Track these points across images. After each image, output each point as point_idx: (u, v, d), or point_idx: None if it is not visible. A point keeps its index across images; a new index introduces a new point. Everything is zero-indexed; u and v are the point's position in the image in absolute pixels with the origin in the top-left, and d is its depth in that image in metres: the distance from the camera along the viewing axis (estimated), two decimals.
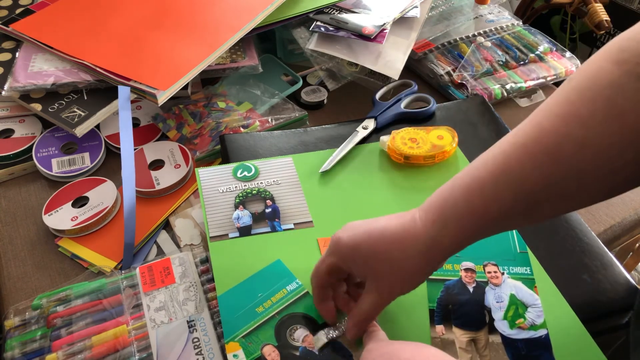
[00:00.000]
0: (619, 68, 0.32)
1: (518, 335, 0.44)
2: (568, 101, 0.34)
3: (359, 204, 0.55)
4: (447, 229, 0.37)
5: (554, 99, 0.35)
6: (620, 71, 0.32)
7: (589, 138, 0.32)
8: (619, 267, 0.50)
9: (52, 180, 0.63)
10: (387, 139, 0.60)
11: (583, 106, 0.33)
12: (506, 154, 0.36)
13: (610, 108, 0.32)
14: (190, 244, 0.56)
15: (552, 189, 0.34)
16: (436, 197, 0.39)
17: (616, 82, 0.32)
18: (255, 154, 0.61)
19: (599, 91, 0.32)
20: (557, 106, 0.34)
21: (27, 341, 0.45)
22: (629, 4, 1.33)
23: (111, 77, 0.63)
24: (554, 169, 0.34)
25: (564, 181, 0.34)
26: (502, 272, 0.48)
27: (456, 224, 0.37)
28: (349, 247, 0.40)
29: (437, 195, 0.39)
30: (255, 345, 0.43)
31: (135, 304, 0.47)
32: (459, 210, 0.37)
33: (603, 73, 0.33)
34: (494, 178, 0.36)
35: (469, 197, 0.37)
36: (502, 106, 0.76)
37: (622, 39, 0.34)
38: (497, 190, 0.35)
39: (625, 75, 0.32)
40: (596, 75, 0.33)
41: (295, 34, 0.75)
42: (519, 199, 0.35)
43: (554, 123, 0.34)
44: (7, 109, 0.67)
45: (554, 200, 0.35)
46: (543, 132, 0.34)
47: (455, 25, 0.84)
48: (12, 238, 0.57)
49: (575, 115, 0.33)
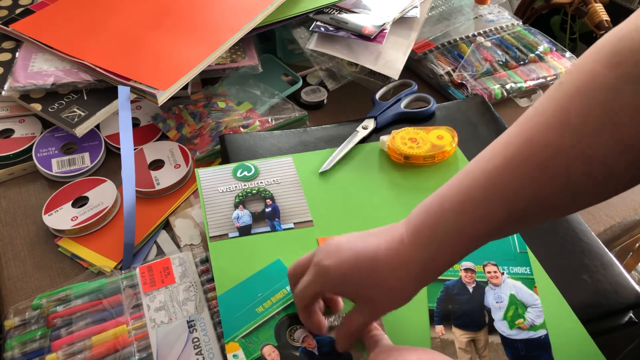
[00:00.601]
0: (613, 71, 0.30)
1: (518, 335, 0.44)
2: (560, 108, 0.32)
3: (358, 203, 0.55)
4: (440, 251, 0.36)
5: (545, 106, 0.34)
6: (614, 75, 0.30)
7: (582, 149, 0.31)
8: (619, 267, 0.50)
9: (52, 180, 0.63)
10: (387, 139, 0.60)
11: (576, 113, 0.31)
12: (499, 169, 0.34)
13: (604, 115, 0.30)
14: (190, 244, 0.56)
15: (544, 202, 0.33)
16: (424, 215, 0.37)
17: (611, 87, 0.30)
18: (255, 154, 0.61)
19: (593, 97, 0.31)
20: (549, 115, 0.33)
21: (27, 341, 0.45)
22: (629, 4, 1.33)
23: (111, 77, 0.63)
24: (545, 183, 0.33)
25: (556, 194, 0.33)
26: (502, 272, 0.48)
27: (449, 245, 0.36)
28: (337, 276, 0.38)
29: (425, 214, 0.37)
30: (255, 345, 0.43)
31: (135, 304, 0.47)
32: (450, 231, 0.36)
33: (596, 77, 0.31)
34: (486, 197, 0.34)
35: (460, 216, 0.35)
36: (502, 106, 0.76)
37: (612, 39, 0.32)
38: (488, 209, 0.34)
39: (620, 79, 0.30)
40: (590, 79, 0.31)
41: (295, 34, 0.75)
42: (511, 215, 0.34)
43: (545, 134, 0.32)
44: (7, 109, 0.67)
45: (545, 211, 0.34)
46: (534, 145, 0.33)
47: (455, 25, 0.84)
48: (12, 238, 0.57)
49: (567, 124, 0.32)
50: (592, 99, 0.31)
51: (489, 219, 0.35)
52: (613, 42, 0.32)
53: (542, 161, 0.32)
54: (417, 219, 0.38)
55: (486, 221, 0.35)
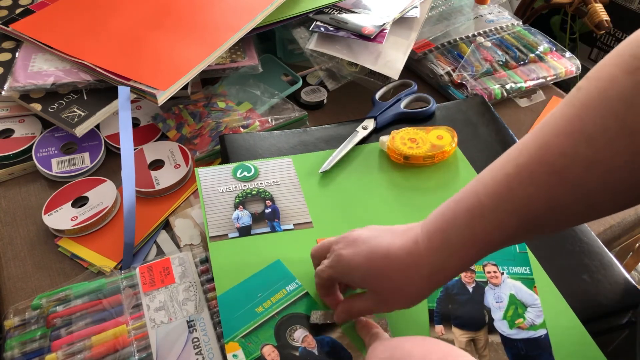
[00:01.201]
0: (631, 78, 0.30)
1: (517, 335, 0.44)
2: (576, 116, 0.32)
3: (358, 204, 0.55)
4: (451, 257, 0.36)
5: (561, 112, 0.33)
6: (632, 82, 0.29)
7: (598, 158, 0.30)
8: (619, 267, 0.50)
9: (52, 180, 0.63)
10: (387, 139, 0.60)
11: (591, 123, 0.31)
12: (510, 177, 0.34)
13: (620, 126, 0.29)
14: (190, 244, 0.56)
15: (558, 210, 0.33)
16: (439, 219, 0.38)
17: (628, 95, 0.29)
18: (255, 154, 0.61)
19: (609, 106, 0.30)
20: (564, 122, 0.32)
21: (26, 341, 0.45)
22: (629, 4, 1.33)
23: (111, 77, 0.63)
24: (560, 191, 0.32)
25: (571, 202, 0.32)
26: (502, 272, 0.48)
27: (460, 251, 0.36)
28: (350, 266, 0.40)
29: (440, 218, 0.38)
30: (254, 345, 0.43)
31: (135, 304, 0.47)
32: (462, 238, 0.36)
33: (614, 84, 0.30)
34: (496, 203, 0.34)
35: (471, 223, 0.35)
36: (502, 106, 0.76)
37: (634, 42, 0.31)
38: (499, 216, 0.34)
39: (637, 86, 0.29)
40: (607, 86, 0.31)
41: (295, 34, 0.75)
42: (522, 223, 0.34)
43: (561, 142, 0.32)
44: (7, 109, 0.67)
45: (560, 220, 0.34)
46: (548, 152, 0.32)
47: (455, 25, 0.84)
48: (12, 238, 0.57)
49: (583, 132, 0.31)
50: (609, 107, 0.30)
51: (501, 226, 0.34)
52: (633, 46, 0.31)
53: (557, 168, 0.32)
54: (432, 223, 0.38)
55: (498, 228, 0.34)
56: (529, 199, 0.33)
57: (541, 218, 0.33)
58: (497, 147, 0.62)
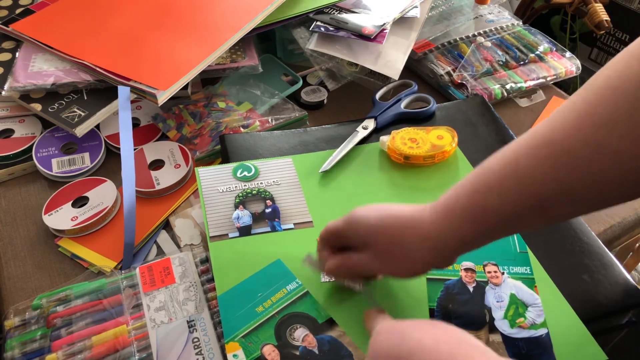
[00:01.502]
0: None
1: (518, 334, 0.44)
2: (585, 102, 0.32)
3: (358, 204, 0.54)
4: (457, 227, 0.37)
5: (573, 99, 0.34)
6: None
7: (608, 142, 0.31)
8: (619, 267, 0.50)
9: (52, 180, 0.63)
10: (387, 139, 0.60)
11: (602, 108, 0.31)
12: (516, 154, 0.35)
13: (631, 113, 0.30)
14: (190, 244, 0.56)
15: (565, 193, 0.33)
16: (448, 195, 0.39)
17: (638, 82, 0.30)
18: (255, 154, 0.61)
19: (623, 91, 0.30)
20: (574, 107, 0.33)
21: (27, 341, 0.45)
22: (629, 4, 1.33)
23: (111, 77, 0.63)
24: (566, 173, 0.32)
25: (579, 186, 0.33)
26: (502, 271, 0.48)
27: (464, 223, 0.37)
28: (360, 216, 0.42)
29: (449, 193, 0.39)
30: (255, 345, 0.43)
31: (135, 304, 0.47)
32: (466, 210, 0.37)
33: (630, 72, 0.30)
34: (500, 179, 0.35)
35: (475, 196, 0.36)
36: (502, 106, 0.76)
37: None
38: (503, 191, 0.35)
39: None
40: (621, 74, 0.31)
41: (295, 34, 0.75)
42: (526, 202, 0.34)
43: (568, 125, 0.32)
44: (7, 109, 0.67)
45: (567, 204, 0.34)
46: (555, 134, 0.33)
47: (455, 25, 0.84)
48: (12, 238, 0.57)
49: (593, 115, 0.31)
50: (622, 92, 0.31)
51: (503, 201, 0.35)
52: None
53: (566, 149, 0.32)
54: (442, 198, 0.40)
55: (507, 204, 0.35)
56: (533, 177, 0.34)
57: (548, 199, 0.34)
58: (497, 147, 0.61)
